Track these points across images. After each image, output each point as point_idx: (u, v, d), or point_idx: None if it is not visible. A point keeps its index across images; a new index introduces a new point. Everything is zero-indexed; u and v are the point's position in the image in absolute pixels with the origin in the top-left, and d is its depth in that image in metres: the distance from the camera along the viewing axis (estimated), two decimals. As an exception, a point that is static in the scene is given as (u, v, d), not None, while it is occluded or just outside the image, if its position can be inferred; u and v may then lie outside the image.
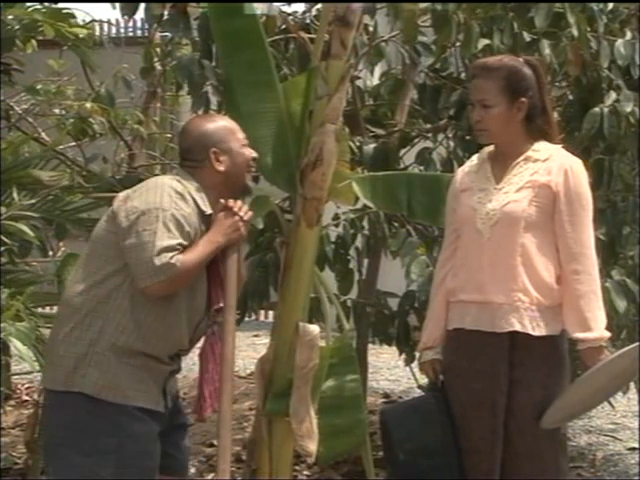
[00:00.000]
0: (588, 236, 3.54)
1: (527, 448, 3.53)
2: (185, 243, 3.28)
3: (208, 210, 3.40)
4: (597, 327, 3.49)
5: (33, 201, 4.46)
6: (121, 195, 3.43)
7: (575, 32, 4.61)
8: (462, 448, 3.58)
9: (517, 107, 3.55)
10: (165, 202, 3.29)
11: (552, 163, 3.55)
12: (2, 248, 4.42)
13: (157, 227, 3.24)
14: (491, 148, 3.69)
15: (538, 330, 3.51)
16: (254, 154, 3.54)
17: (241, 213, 3.43)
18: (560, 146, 3.63)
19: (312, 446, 3.86)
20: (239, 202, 3.47)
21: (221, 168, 3.45)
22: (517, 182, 3.55)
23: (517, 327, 3.50)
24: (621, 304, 4.61)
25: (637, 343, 3.59)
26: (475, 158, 3.75)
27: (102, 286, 3.32)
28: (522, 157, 3.57)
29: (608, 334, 3.52)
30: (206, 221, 3.40)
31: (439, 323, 3.71)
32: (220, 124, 3.53)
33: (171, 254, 3.23)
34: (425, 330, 3.79)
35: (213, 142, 3.45)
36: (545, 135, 3.63)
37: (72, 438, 3.32)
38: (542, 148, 3.60)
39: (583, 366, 3.54)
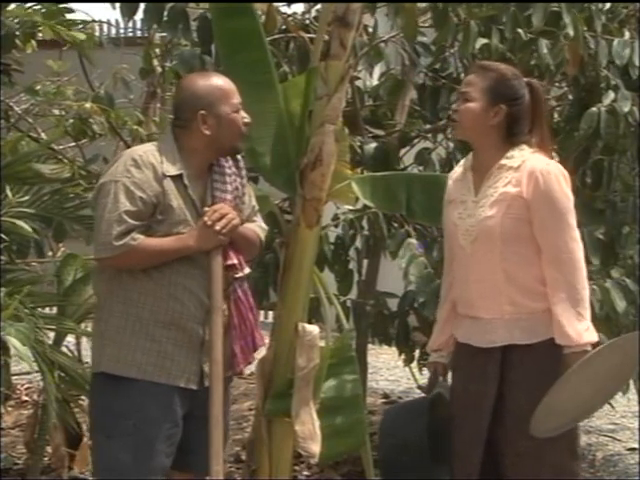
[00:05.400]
0: (566, 240, 3.48)
1: (526, 449, 3.52)
2: (133, 209, 3.27)
3: (170, 172, 3.34)
4: (576, 334, 3.43)
5: (27, 197, 4.45)
6: None
7: (571, 32, 4.61)
8: (452, 450, 3.60)
9: (495, 111, 3.52)
10: (118, 172, 3.32)
11: (523, 171, 3.50)
12: (1, 246, 4.42)
13: (107, 200, 3.29)
14: (472, 155, 3.67)
15: (533, 338, 3.52)
16: (247, 119, 3.46)
17: (218, 225, 3.35)
18: (533, 150, 3.56)
19: (315, 448, 3.86)
20: (225, 210, 3.38)
21: (207, 132, 3.39)
22: (491, 194, 3.53)
23: (508, 341, 3.52)
24: (621, 304, 4.61)
25: (622, 336, 3.58)
26: (462, 163, 3.73)
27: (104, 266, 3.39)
28: (496, 166, 3.54)
29: (589, 340, 3.46)
30: (177, 181, 3.35)
31: (444, 329, 3.75)
32: (214, 85, 3.43)
33: (114, 232, 3.24)
34: (433, 333, 3.83)
35: (203, 104, 3.39)
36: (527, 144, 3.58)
37: (98, 419, 3.39)
38: (516, 155, 3.54)
39: (565, 368, 3.46)
